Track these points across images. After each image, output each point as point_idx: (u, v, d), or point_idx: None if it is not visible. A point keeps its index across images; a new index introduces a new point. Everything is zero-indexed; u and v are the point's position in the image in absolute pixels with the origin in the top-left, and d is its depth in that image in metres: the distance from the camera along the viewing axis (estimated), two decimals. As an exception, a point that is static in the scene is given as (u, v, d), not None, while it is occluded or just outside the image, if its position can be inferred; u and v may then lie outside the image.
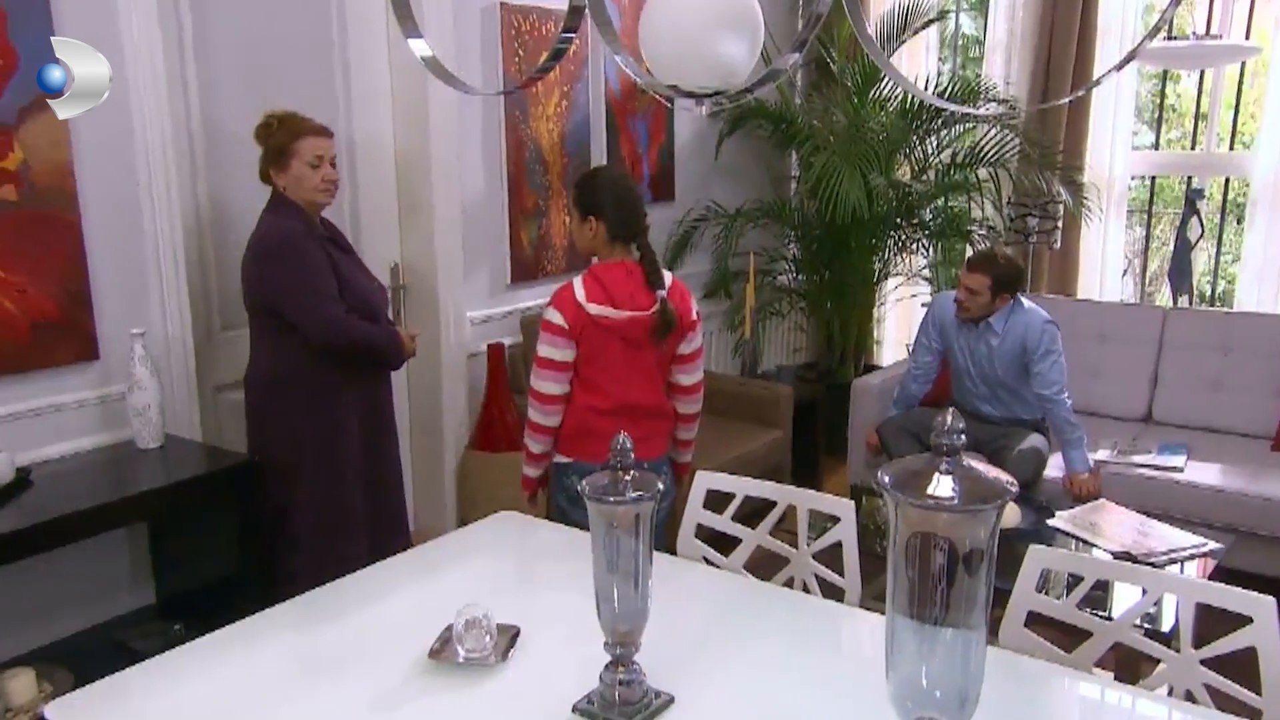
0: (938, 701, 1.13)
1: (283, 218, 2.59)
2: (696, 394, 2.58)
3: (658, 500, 1.33)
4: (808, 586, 1.93)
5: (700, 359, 2.57)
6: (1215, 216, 4.77)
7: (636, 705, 1.36)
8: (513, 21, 3.69)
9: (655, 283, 2.42)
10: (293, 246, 2.55)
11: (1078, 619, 1.65)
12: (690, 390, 2.56)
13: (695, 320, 2.52)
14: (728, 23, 1.12)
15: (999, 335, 3.44)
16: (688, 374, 2.54)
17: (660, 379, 2.52)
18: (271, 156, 2.59)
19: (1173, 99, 5.70)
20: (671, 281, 2.49)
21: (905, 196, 4.49)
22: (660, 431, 2.55)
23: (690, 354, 2.53)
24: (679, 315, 2.45)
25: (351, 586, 1.82)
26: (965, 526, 1.06)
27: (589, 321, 2.40)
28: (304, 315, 2.54)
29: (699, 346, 2.56)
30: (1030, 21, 4.60)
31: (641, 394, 2.47)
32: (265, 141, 2.60)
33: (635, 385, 2.46)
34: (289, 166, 2.57)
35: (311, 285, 2.54)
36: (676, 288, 2.49)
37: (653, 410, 2.51)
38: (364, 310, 2.65)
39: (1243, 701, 1.46)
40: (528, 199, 3.90)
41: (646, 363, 2.46)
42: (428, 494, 3.82)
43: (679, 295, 2.48)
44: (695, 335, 2.53)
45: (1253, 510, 3.24)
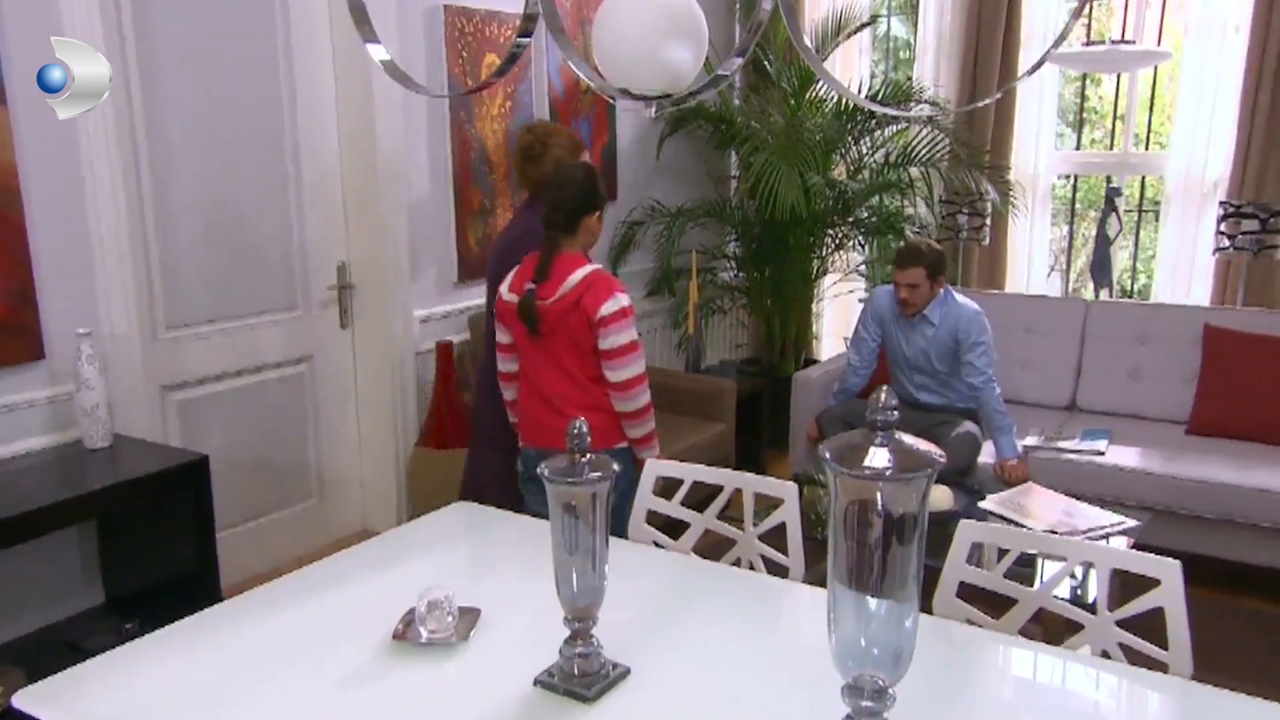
0: (875, 659, 1.22)
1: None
2: (626, 392, 2.49)
3: (613, 481, 1.41)
4: (754, 566, 2.03)
5: (625, 357, 2.47)
6: (1134, 214, 5.00)
7: (595, 676, 1.44)
8: (456, 23, 3.74)
9: (538, 274, 2.48)
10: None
11: (1004, 587, 1.76)
12: (617, 388, 2.49)
13: (605, 318, 2.43)
14: (676, 30, 1.21)
15: (934, 326, 3.58)
16: (612, 371, 2.48)
17: (575, 369, 2.50)
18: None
19: (1095, 101, 5.94)
20: (586, 275, 2.45)
21: (841, 195, 4.63)
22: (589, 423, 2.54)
23: (609, 351, 2.46)
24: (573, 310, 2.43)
25: (311, 575, 1.86)
26: (898, 494, 1.16)
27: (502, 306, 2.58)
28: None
29: (620, 344, 2.46)
30: (957, 26, 4.77)
31: (549, 383, 2.54)
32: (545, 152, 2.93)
33: (543, 374, 2.54)
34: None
35: None
36: (592, 281, 2.45)
37: (565, 399, 2.52)
38: None
39: (1152, 657, 1.58)
40: (474, 198, 3.94)
41: (553, 351, 2.51)
42: (376, 492, 3.85)
43: (587, 289, 2.44)
44: (608, 332, 2.44)
45: (1168, 490, 3.43)
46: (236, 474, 3.37)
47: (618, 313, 2.45)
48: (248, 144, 3.30)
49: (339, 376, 3.74)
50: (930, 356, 3.63)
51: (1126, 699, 1.53)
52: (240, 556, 3.27)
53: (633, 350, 2.49)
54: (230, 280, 3.31)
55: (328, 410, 3.72)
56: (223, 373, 3.33)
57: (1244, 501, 3.31)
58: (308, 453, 3.68)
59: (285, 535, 3.57)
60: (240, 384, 3.40)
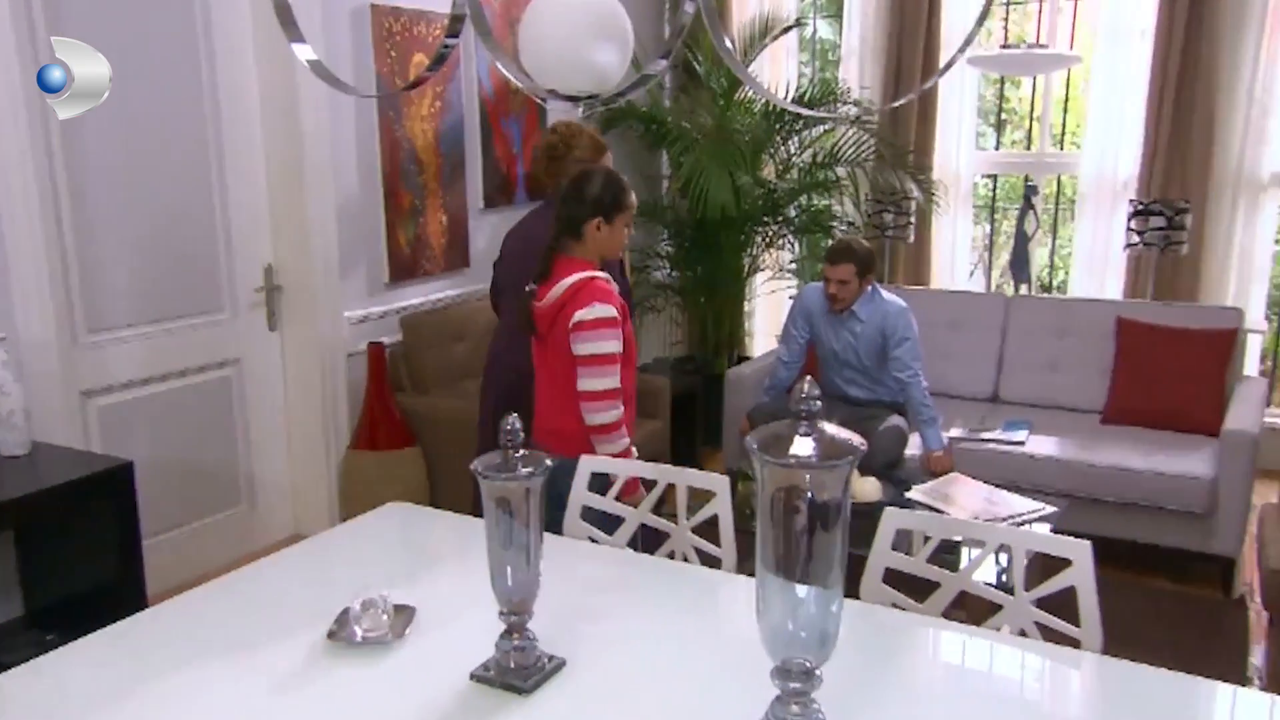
0: (802, 642, 1.26)
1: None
2: (590, 403, 2.43)
3: (545, 475, 1.43)
4: (688, 558, 2.06)
5: (591, 367, 2.41)
6: (1051, 212, 5.18)
7: (531, 669, 1.45)
8: (383, 23, 3.71)
9: (535, 276, 2.49)
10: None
11: (927, 572, 1.82)
12: (583, 397, 2.44)
13: (579, 324, 2.39)
14: (601, 33, 1.23)
15: (862, 322, 3.67)
16: (580, 379, 2.43)
17: (561, 375, 2.47)
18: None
19: (1015, 103, 6.13)
20: (576, 281, 2.41)
21: (770, 194, 4.71)
22: (555, 429, 2.49)
23: (578, 358, 2.42)
24: (560, 315, 2.42)
25: (240, 579, 1.84)
26: (822, 481, 1.20)
27: None
28: None
29: (588, 353, 2.41)
30: (880, 29, 4.89)
31: (540, 387, 2.56)
32: (568, 154, 2.91)
33: (540, 375, 2.56)
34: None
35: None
36: (580, 288, 2.41)
37: (549, 405, 2.53)
38: None
39: (1066, 634, 1.66)
40: (404, 198, 3.92)
41: (546, 355, 2.51)
42: (307, 495, 3.80)
43: (574, 295, 2.40)
44: (579, 339, 2.40)
45: (1084, 477, 3.57)
46: (162, 480, 3.30)
47: (593, 321, 2.39)
48: (169, 145, 3.24)
49: (268, 380, 3.69)
50: (858, 352, 3.71)
51: (1041, 674, 1.60)
52: (167, 565, 3.20)
53: (601, 363, 2.41)
54: (153, 283, 3.24)
55: (257, 414, 3.66)
56: (148, 377, 3.26)
57: (1153, 486, 3.46)
58: (236, 458, 3.61)
59: (214, 542, 3.51)
60: (165, 389, 3.33)
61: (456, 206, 4.18)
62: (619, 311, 2.46)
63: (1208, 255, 4.43)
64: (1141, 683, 1.49)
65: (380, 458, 3.63)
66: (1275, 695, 1.49)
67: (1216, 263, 4.44)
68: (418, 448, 3.70)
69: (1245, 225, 4.41)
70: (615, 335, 2.44)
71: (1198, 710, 1.48)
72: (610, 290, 2.47)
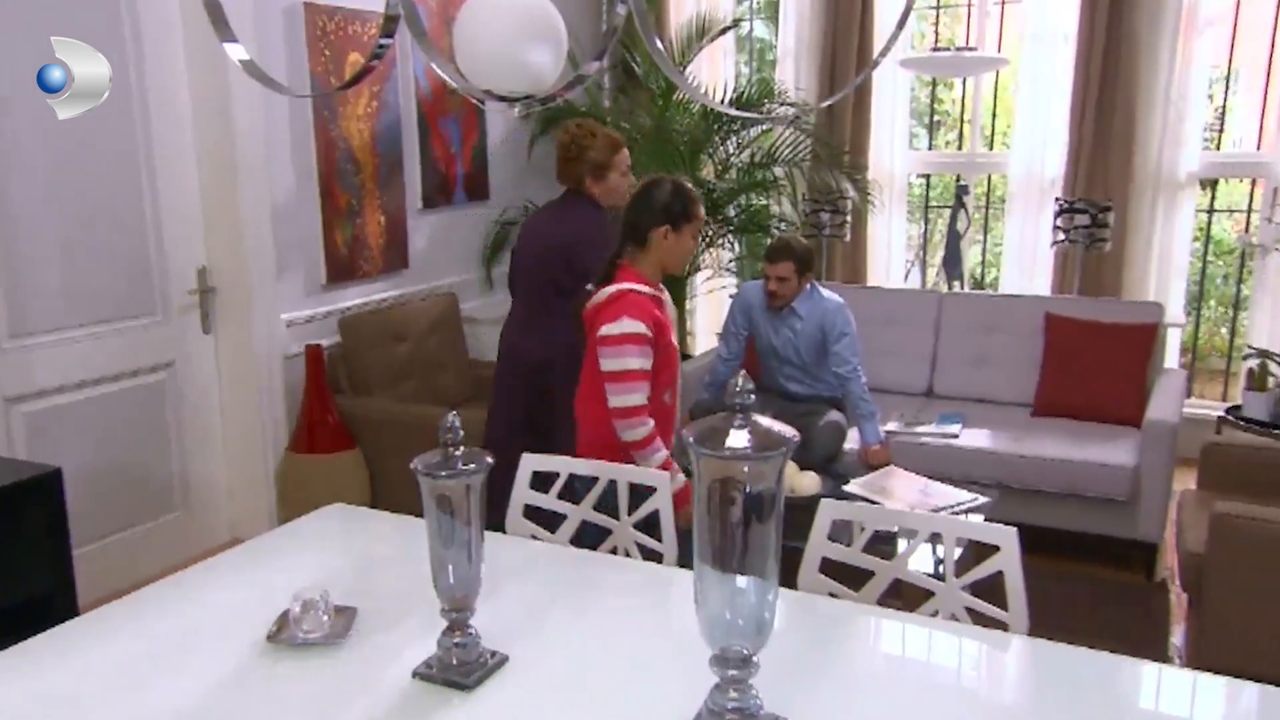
0: (740, 630, 1.29)
1: (592, 214, 3.03)
2: (618, 420, 2.38)
3: (486, 472, 1.44)
4: (630, 554, 2.08)
5: (614, 384, 2.38)
6: (982, 210, 5.31)
7: (473, 665, 1.46)
8: (317, 22, 3.67)
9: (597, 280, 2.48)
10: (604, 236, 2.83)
11: (863, 561, 1.87)
12: (612, 414, 2.39)
13: (602, 338, 2.37)
14: (534, 34, 1.25)
15: (802, 318, 3.73)
16: (608, 394, 2.39)
17: (594, 384, 2.45)
18: (590, 167, 3.00)
19: (949, 105, 6.28)
20: (615, 292, 2.39)
21: (709, 194, 4.75)
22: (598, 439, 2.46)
23: (604, 373, 2.39)
24: (593, 324, 2.40)
25: (177, 583, 1.82)
26: (756, 472, 1.23)
27: None
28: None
29: (611, 369, 2.38)
30: (815, 30, 4.97)
31: (581, 392, 2.54)
32: (580, 152, 3.00)
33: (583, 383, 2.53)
34: (607, 177, 3.02)
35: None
36: (614, 299, 2.39)
37: (585, 412, 2.51)
38: None
39: (994, 618, 1.72)
40: (341, 199, 3.88)
41: (587, 362, 2.50)
42: (245, 500, 3.74)
43: (607, 305, 2.39)
44: (602, 354, 2.38)
45: (1015, 468, 3.68)
46: (93, 488, 3.23)
47: (618, 336, 2.35)
48: (96, 145, 3.17)
49: (202, 383, 3.62)
50: (798, 349, 3.77)
51: (971, 656, 1.66)
52: (100, 573, 3.13)
53: (625, 379, 2.37)
54: (81, 286, 3.17)
55: (191, 418, 3.60)
56: (79, 381, 3.19)
57: (1080, 475, 3.58)
58: (170, 463, 3.55)
59: (148, 549, 3.44)
60: (96, 394, 3.26)
61: (394, 207, 4.15)
62: (654, 326, 2.40)
63: (1130, 252, 4.59)
64: (1063, 660, 1.55)
65: (320, 461, 3.59)
66: (1195, 672, 1.56)
67: (1138, 259, 4.60)
68: (358, 450, 3.67)
69: (1164, 223, 4.57)
70: (641, 352, 2.38)
71: (1120, 686, 1.54)
72: (646, 304, 2.41)
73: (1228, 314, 5.88)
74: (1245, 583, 2.60)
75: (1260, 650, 2.59)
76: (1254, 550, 2.58)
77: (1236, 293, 5.10)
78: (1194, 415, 4.40)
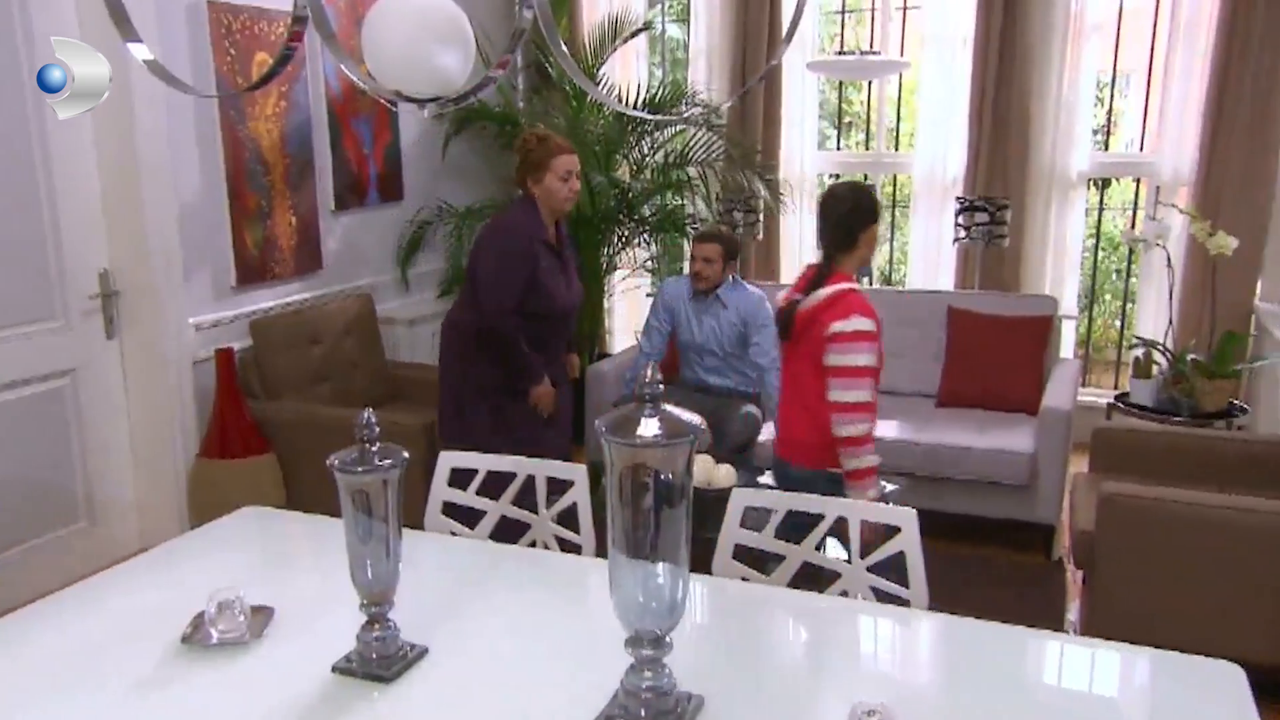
0: (653, 611, 1.34)
1: (521, 215, 3.11)
2: (841, 415, 2.46)
3: (402, 467, 1.46)
4: (549, 547, 2.12)
5: (846, 379, 2.45)
6: (889, 209, 5.49)
7: (393, 657, 1.48)
8: (222, 20, 3.61)
9: (810, 284, 2.55)
10: (508, 237, 3.07)
11: (773, 546, 1.94)
12: (834, 408, 2.46)
13: (836, 334, 2.43)
14: (441, 37, 1.28)
15: (726, 308, 3.82)
16: (831, 390, 2.47)
17: (798, 384, 2.58)
18: (529, 169, 3.08)
19: (859, 106, 6.45)
20: (837, 291, 2.47)
21: (626, 194, 4.81)
22: (796, 439, 2.60)
23: (831, 368, 2.46)
24: (813, 323, 2.48)
25: (85, 589, 1.79)
26: (666, 458, 1.28)
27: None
28: (487, 295, 3.04)
29: (843, 365, 2.45)
30: (725, 32, 5.07)
31: (786, 394, 2.67)
32: (525, 155, 3.09)
33: (788, 383, 2.66)
34: (543, 179, 3.06)
35: (503, 274, 3.04)
36: (839, 298, 2.46)
37: (797, 413, 2.60)
38: (549, 314, 3.14)
39: (897, 596, 1.80)
40: (250, 200, 3.82)
41: (795, 363, 2.61)
42: (155, 508, 3.65)
43: (832, 304, 2.46)
44: (834, 350, 2.44)
45: (922, 456, 3.82)
46: (-9, 500, 3.12)
47: (851, 333, 2.43)
48: (-11, 144, 3.06)
49: (107, 390, 3.52)
50: (720, 339, 3.86)
51: (876, 630, 1.74)
52: (0, 587, 3.03)
53: (854, 375, 2.45)
54: (-25, 291, 3.06)
55: (95, 426, 3.50)
56: (-29, 391, 3.08)
57: (982, 462, 3.73)
58: (74, 472, 3.44)
59: (52, 562, 3.33)
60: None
61: (306, 208, 4.10)
62: (879, 325, 2.49)
63: (1027, 248, 4.80)
64: (960, 631, 1.64)
65: (232, 466, 3.53)
66: (1089, 639, 1.67)
67: (1034, 255, 4.81)
68: (272, 454, 3.62)
69: (1058, 220, 4.79)
70: (871, 350, 2.46)
71: (1016, 655, 1.63)
72: (870, 304, 2.49)
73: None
74: (1131, 557, 2.76)
75: (1147, 620, 2.75)
76: (1138, 526, 2.74)
77: (1125, 287, 5.37)
78: (1088, 403, 4.64)
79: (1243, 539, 2.65)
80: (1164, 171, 4.61)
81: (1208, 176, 4.39)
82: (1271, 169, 4.31)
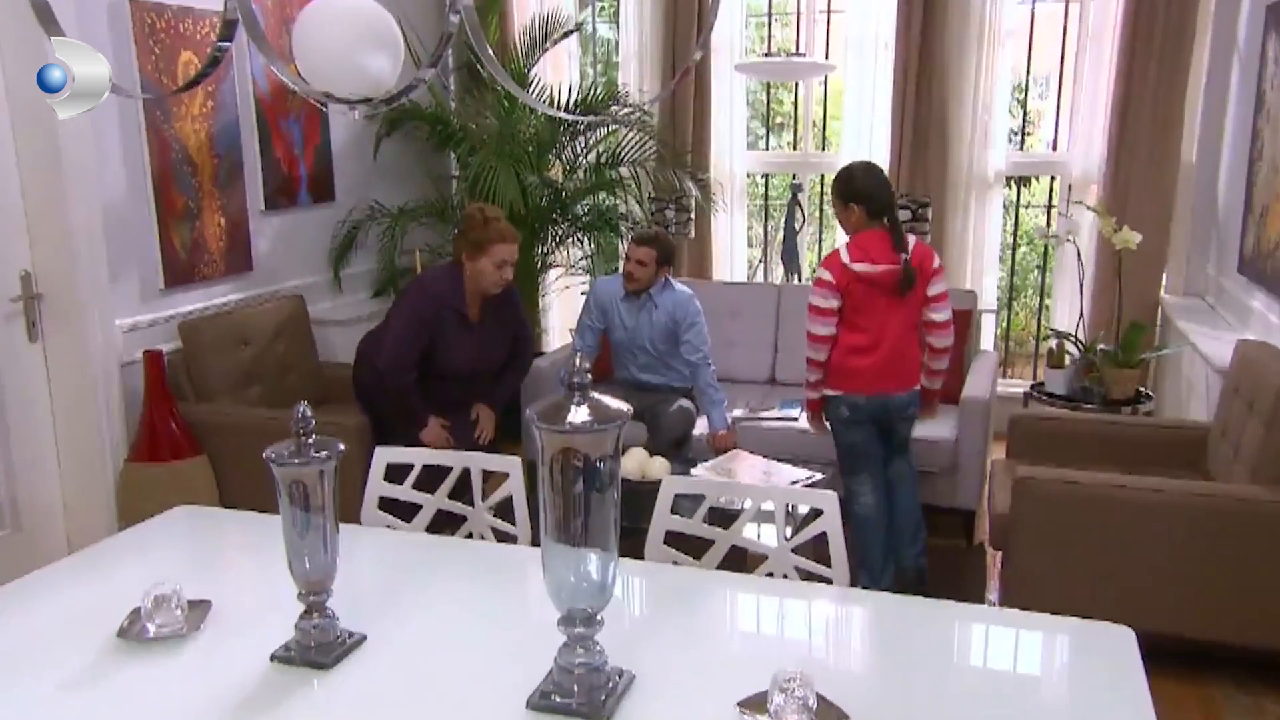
0: (584, 591, 1.40)
1: (446, 284, 3.38)
2: (948, 330, 3.22)
3: (338, 459, 1.49)
4: (485, 538, 2.16)
5: (947, 300, 3.20)
6: (817, 207, 5.62)
7: (331, 645, 1.51)
8: (145, 19, 3.56)
9: (899, 246, 3.12)
10: (424, 301, 3.36)
11: (702, 531, 2.01)
12: (942, 326, 3.21)
13: (938, 269, 3.21)
14: (370, 40, 1.32)
15: (657, 307, 3.90)
16: (938, 311, 3.20)
17: (911, 323, 3.21)
18: (467, 245, 3.31)
19: (789, 106, 6.58)
20: (915, 243, 3.17)
21: (558, 194, 4.85)
22: (912, 368, 3.25)
23: (937, 295, 3.19)
24: (921, 268, 3.14)
25: (16, 590, 1.78)
26: (594, 443, 1.34)
27: (854, 277, 3.13)
28: (389, 349, 3.36)
29: (944, 290, 3.20)
30: (655, 34, 5.14)
31: (897, 335, 3.18)
32: (466, 229, 3.31)
33: (892, 327, 3.17)
34: (478, 260, 3.30)
35: (406, 335, 3.33)
36: (919, 248, 3.17)
37: (905, 349, 3.21)
38: (444, 375, 3.43)
39: (820, 575, 1.89)
40: (177, 200, 3.77)
41: (900, 308, 3.16)
42: (84, 514, 3.59)
43: (920, 253, 3.16)
44: (939, 280, 3.20)
45: (850, 447, 3.93)
46: (-90, 508, 3.04)
47: (941, 267, 3.26)
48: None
49: (30, 394, 3.46)
50: (652, 337, 3.93)
51: (799, 606, 1.82)
52: (-79, 598, 2.96)
53: (948, 298, 3.23)
54: (-110, 294, 2.98)
55: (18, 432, 3.43)
56: (-113, 397, 3.00)
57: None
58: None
59: (-25, 571, 3.26)
60: (-91, 409, 3.07)
61: (236, 208, 4.06)
62: None
63: (949, 244, 4.96)
64: (875, 604, 1.74)
65: (163, 470, 3.49)
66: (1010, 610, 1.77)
67: (956, 251, 4.98)
68: (204, 457, 3.59)
69: (977, 218, 4.97)
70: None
71: (934, 625, 1.73)
72: None
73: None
74: (1044, 537, 2.90)
75: (1058, 595, 2.89)
76: (1050, 507, 2.88)
77: (1042, 282, 5.58)
78: (1007, 393, 4.82)
79: (1147, 517, 2.81)
80: (1075, 170, 4.82)
81: (1115, 175, 4.60)
82: (1174, 167, 4.53)
